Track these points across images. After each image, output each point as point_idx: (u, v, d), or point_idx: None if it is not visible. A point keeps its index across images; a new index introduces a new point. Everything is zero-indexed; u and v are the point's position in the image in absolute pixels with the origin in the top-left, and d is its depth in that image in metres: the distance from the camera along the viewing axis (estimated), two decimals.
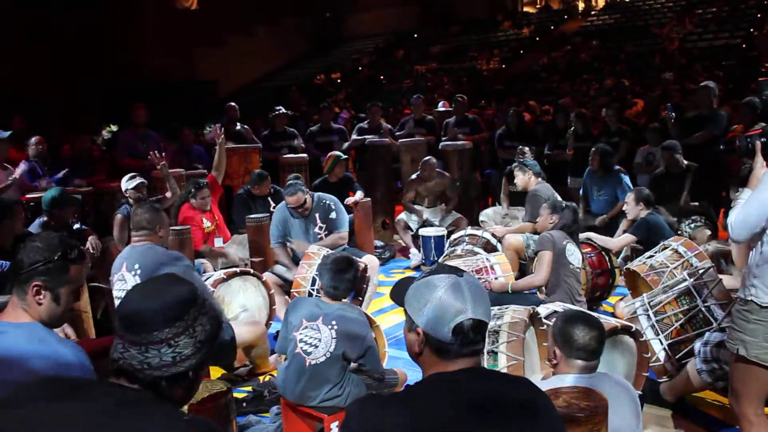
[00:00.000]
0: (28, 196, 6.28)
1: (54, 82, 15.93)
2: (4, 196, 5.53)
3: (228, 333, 4.10)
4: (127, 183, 6.00)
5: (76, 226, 5.74)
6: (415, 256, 7.52)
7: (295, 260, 5.56)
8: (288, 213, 5.72)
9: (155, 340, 1.50)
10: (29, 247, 2.21)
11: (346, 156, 8.09)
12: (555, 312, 4.08)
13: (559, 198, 6.16)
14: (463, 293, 1.65)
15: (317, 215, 5.70)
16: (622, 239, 5.73)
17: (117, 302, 4.00)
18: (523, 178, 6.35)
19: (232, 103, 8.93)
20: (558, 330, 2.73)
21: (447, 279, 1.68)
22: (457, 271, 1.73)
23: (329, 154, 7.67)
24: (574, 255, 4.77)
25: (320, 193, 5.91)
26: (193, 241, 5.64)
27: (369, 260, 5.45)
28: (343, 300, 3.67)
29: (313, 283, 4.86)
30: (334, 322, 3.45)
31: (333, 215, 5.71)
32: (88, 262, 4.99)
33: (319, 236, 5.70)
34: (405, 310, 1.76)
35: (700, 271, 3.90)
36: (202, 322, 1.58)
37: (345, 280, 3.61)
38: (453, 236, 6.78)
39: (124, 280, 3.88)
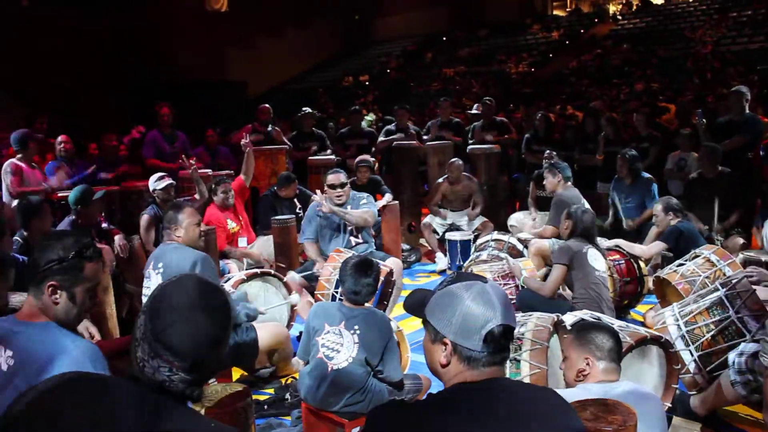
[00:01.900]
0: (58, 194, 6.35)
1: (84, 83, 16.12)
2: (34, 196, 5.57)
3: (250, 335, 4.08)
4: (155, 183, 6.00)
5: (104, 225, 5.77)
6: (441, 260, 7.46)
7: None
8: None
9: (201, 360, 1.52)
10: (44, 246, 2.19)
11: (372, 159, 8.06)
12: (582, 320, 4.01)
13: (586, 204, 6.07)
14: (491, 299, 1.62)
15: (350, 208, 5.66)
16: (652, 247, 5.61)
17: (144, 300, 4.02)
18: (552, 181, 6.27)
19: (266, 105, 8.94)
20: (584, 339, 2.70)
21: (472, 286, 1.65)
22: (479, 278, 1.70)
23: (359, 158, 7.64)
24: (597, 260, 4.69)
25: (354, 191, 5.90)
26: (217, 241, 5.65)
27: (394, 263, 5.41)
28: (366, 304, 3.63)
29: (337, 286, 4.82)
30: (356, 327, 3.41)
31: (364, 201, 5.69)
32: (105, 261, 5.05)
33: (350, 228, 5.65)
34: (426, 322, 1.72)
35: (733, 281, 3.79)
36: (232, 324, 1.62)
37: (366, 284, 3.56)
38: (478, 241, 6.72)
39: (149, 278, 3.90)
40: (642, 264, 5.63)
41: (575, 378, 2.69)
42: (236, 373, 4.58)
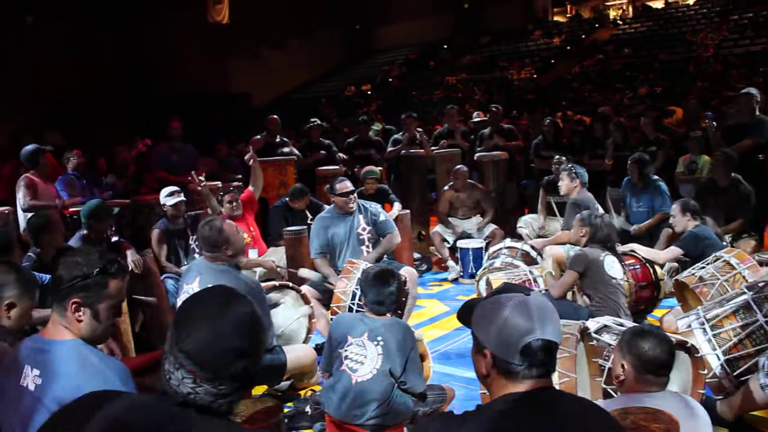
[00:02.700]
0: (70, 209, 6.32)
1: (88, 96, 16.13)
2: (42, 211, 5.55)
3: (280, 357, 4.04)
4: (165, 198, 5.95)
5: (114, 238, 5.74)
6: (453, 268, 7.43)
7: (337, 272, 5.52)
8: (329, 218, 5.67)
9: (230, 375, 1.50)
10: (68, 263, 2.14)
11: (378, 168, 8.05)
12: (605, 326, 3.97)
13: (600, 209, 6.04)
14: (530, 312, 1.60)
15: (360, 217, 5.64)
16: (668, 252, 5.57)
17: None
18: (570, 185, 6.21)
19: (274, 116, 8.93)
20: (626, 343, 2.64)
21: (513, 298, 1.63)
22: (524, 290, 1.67)
23: (366, 168, 7.62)
24: (614, 268, 4.65)
25: (362, 200, 5.89)
26: None
27: (408, 272, 5.37)
28: (388, 315, 3.59)
29: (353, 297, 4.78)
30: (380, 338, 3.38)
31: (381, 218, 5.65)
32: (127, 277, 5.01)
33: (361, 237, 5.61)
34: (472, 332, 1.71)
35: (761, 284, 3.75)
36: (263, 340, 1.59)
37: (389, 294, 3.52)
38: (491, 249, 6.67)
39: (187, 293, 3.86)
40: (658, 268, 5.58)
41: (614, 382, 2.66)
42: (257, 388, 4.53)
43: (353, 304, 4.79)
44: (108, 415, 1.48)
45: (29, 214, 5.68)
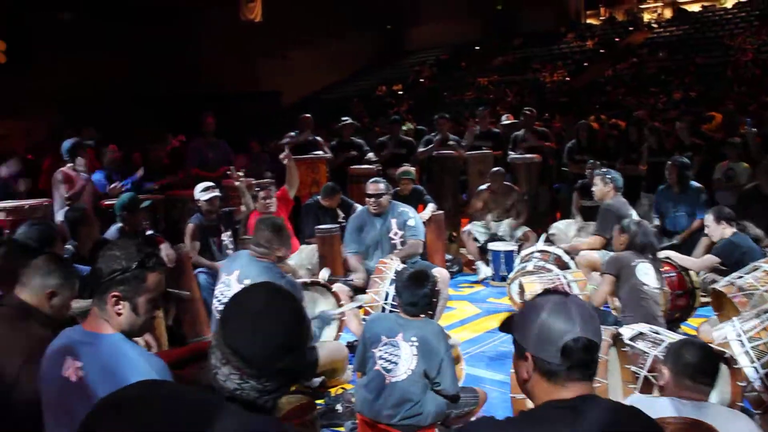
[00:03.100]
0: (105, 202, 6.38)
1: (120, 93, 16.33)
2: (79, 204, 5.62)
3: (312, 354, 4.07)
4: (200, 194, 5.99)
5: (149, 232, 5.80)
6: (482, 269, 7.40)
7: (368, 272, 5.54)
8: (363, 218, 5.70)
9: (276, 370, 1.50)
10: (107, 256, 2.15)
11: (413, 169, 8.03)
12: (641, 334, 3.93)
13: (635, 215, 5.96)
14: (569, 312, 1.58)
15: (393, 221, 5.64)
16: (704, 260, 5.48)
17: (216, 303, 4.08)
18: (603, 189, 6.11)
19: (307, 115, 8.96)
20: (672, 351, 2.65)
21: (552, 299, 1.62)
22: (563, 294, 1.67)
23: (402, 168, 7.61)
24: (648, 275, 4.58)
25: (395, 201, 5.88)
26: None
27: (440, 273, 5.35)
28: (421, 316, 3.58)
29: (387, 298, 4.78)
30: (414, 339, 3.36)
31: (411, 222, 5.65)
32: (165, 271, 5.06)
33: (393, 241, 5.62)
34: (514, 339, 1.70)
35: None
36: (307, 335, 1.60)
37: (423, 295, 3.50)
38: (523, 252, 6.63)
39: (229, 287, 3.90)
40: (694, 276, 5.49)
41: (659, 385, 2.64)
42: None
43: (386, 304, 4.79)
44: (149, 406, 1.50)
45: (66, 208, 5.77)
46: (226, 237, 6.02)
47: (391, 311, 4.44)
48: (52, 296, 2.66)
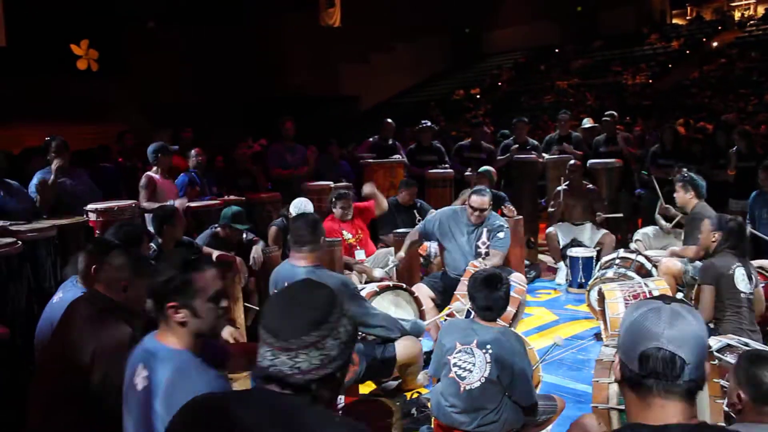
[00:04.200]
0: (193, 205, 6.51)
1: (206, 98, 16.86)
2: (169, 204, 5.80)
3: (390, 351, 4.10)
4: (293, 209, 5.88)
5: (246, 237, 5.88)
6: (562, 270, 7.34)
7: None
8: (456, 216, 5.65)
9: (304, 345, 1.54)
10: (157, 271, 2.26)
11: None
12: (729, 345, 3.78)
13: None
14: (659, 318, 1.50)
15: (485, 230, 5.58)
16: None
17: None
18: (684, 197, 5.87)
19: (389, 120, 9.03)
20: (743, 371, 2.45)
21: (651, 303, 1.56)
22: (667, 299, 1.58)
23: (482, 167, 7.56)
24: (744, 282, 4.41)
25: (494, 213, 5.82)
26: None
27: (517, 279, 5.30)
28: (500, 322, 3.55)
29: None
30: (489, 346, 3.32)
31: (501, 235, 5.54)
32: (239, 271, 5.17)
33: (479, 250, 5.55)
34: None
35: None
36: (344, 323, 1.62)
37: (498, 298, 3.44)
38: (604, 258, 6.48)
39: None
40: None
41: (728, 407, 2.51)
42: (364, 387, 4.60)
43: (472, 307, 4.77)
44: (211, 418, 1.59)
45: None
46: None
47: (469, 318, 4.42)
48: (125, 288, 2.86)
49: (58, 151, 5.59)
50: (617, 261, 6.20)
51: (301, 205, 5.82)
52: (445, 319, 4.61)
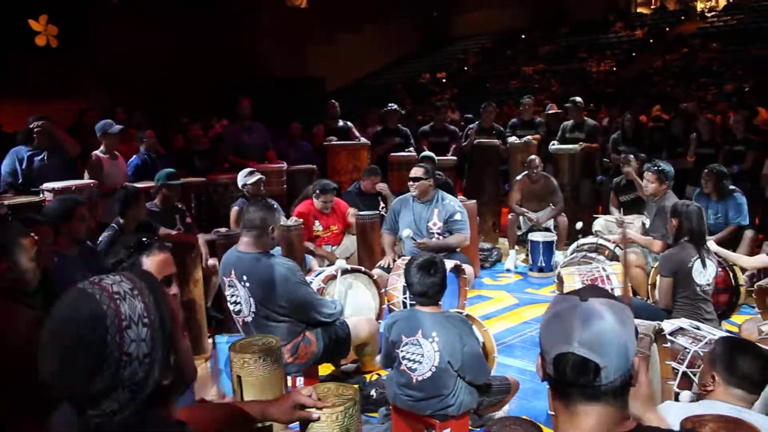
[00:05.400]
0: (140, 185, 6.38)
1: (168, 77, 16.57)
2: (132, 186, 5.71)
3: (343, 330, 4.09)
4: (245, 178, 6.08)
5: (188, 221, 5.84)
6: (511, 257, 7.43)
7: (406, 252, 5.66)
8: (405, 201, 5.82)
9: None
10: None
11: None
12: (681, 329, 3.87)
13: None
14: (573, 318, 1.39)
15: (436, 210, 5.64)
16: (757, 259, 5.31)
17: (230, 305, 4.02)
18: (658, 188, 5.84)
19: (333, 101, 8.99)
20: (719, 354, 2.54)
21: (567, 300, 1.44)
22: (584, 294, 1.44)
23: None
24: (702, 274, 4.47)
25: (445, 193, 5.86)
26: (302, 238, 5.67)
27: (467, 270, 5.34)
28: (440, 305, 3.50)
29: (405, 292, 4.84)
30: (434, 334, 3.30)
31: (458, 216, 5.63)
32: (200, 253, 5.11)
33: (430, 231, 5.63)
34: None
35: None
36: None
37: (432, 284, 3.38)
38: (577, 242, 6.52)
39: (235, 287, 3.89)
40: (738, 273, 5.36)
41: (699, 390, 2.57)
42: (324, 368, 4.59)
43: (405, 297, 4.82)
44: None
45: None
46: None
47: (411, 304, 4.43)
48: (9, 268, 2.65)
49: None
50: (587, 245, 6.26)
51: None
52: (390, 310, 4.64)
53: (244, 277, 3.81)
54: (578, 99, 8.96)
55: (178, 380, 1.35)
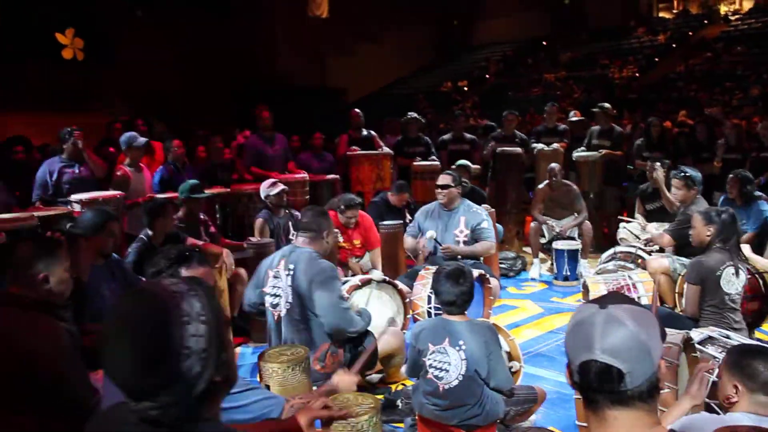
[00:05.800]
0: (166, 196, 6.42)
1: (189, 88, 16.73)
2: (160, 198, 5.78)
3: (370, 340, 4.11)
4: (267, 189, 6.09)
5: (213, 230, 5.88)
6: (536, 266, 7.39)
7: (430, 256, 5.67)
8: (431, 210, 5.82)
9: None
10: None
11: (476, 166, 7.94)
12: (710, 338, 3.82)
13: None
14: (593, 326, 1.42)
15: (463, 219, 5.63)
16: None
17: (268, 299, 4.10)
18: (687, 194, 5.69)
19: (356, 110, 8.92)
20: (735, 362, 2.49)
21: (588, 308, 1.46)
22: (604, 302, 1.46)
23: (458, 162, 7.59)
24: (731, 283, 4.37)
25: (470, 202, 5.86)
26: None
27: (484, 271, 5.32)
28: (466, 315, 3.51)
29: (429, 302, 4.83)
30: (461, 343, 3.31)
31: (485, 224, 5.62)
32: (226, 264, 5.15)
33: (456, 238, 5.61)
34: None
35: None
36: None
37: (461, 293, 3.40)
38: (608, 252, 6.41)
39: (279, 278, 3.99)
40: None
41: (722, 402, 2.53)
42: None
43: (430, 308, 4.81)
44: None
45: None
46: (293, 236, 6.07)
47: (436, 314, 4.42)
48: (47, 280, 2.66)
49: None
50: (618, 254, 6.19)
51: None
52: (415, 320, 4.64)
53: (291, 266, 3.94)
54: (607, 105, 8.85)
55: (228, 379, 1.43)
